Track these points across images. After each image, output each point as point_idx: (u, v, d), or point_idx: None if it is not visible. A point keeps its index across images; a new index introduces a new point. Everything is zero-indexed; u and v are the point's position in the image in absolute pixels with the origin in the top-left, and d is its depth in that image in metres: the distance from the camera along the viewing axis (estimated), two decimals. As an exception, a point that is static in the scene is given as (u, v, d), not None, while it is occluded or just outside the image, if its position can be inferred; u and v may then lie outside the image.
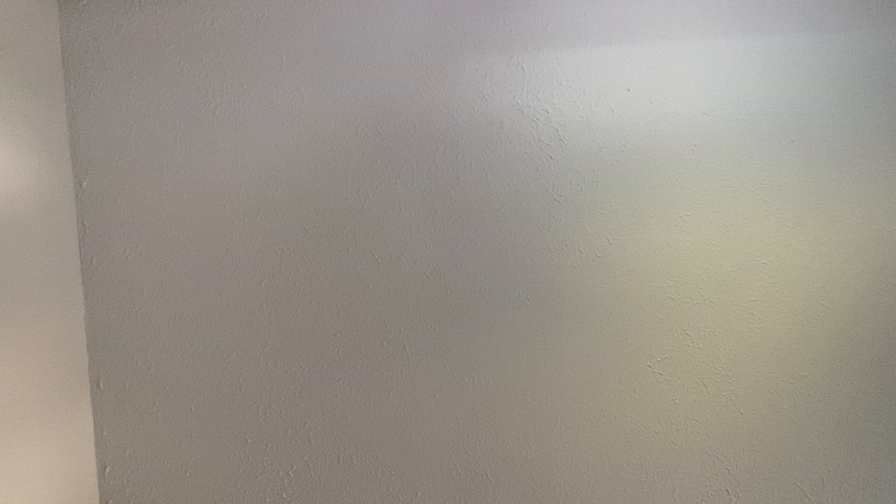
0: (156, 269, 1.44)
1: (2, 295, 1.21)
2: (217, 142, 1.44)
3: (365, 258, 1.44)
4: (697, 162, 1.44)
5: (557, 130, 1.44)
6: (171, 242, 1.44)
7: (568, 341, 1.45)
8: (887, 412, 1.45)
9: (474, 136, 1.44)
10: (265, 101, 1.44)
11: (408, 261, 1.44)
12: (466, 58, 1.44)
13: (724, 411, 1.45)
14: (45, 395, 1.30)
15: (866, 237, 1.43)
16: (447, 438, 1.45)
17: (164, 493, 1.45)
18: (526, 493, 1.45)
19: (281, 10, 1.44)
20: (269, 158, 1.44)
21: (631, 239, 1.44)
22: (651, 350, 1.45)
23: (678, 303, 1.44)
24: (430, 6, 1.44)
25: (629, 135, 1.44)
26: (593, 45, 1.44)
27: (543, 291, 1.44)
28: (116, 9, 1.43)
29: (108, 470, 1.45)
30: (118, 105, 1.43)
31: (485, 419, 1.45)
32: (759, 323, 1.44)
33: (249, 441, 1.45)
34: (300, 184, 1.44)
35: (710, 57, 1.44)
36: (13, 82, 1.27)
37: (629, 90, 1.44)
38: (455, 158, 1.44)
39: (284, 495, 1.46)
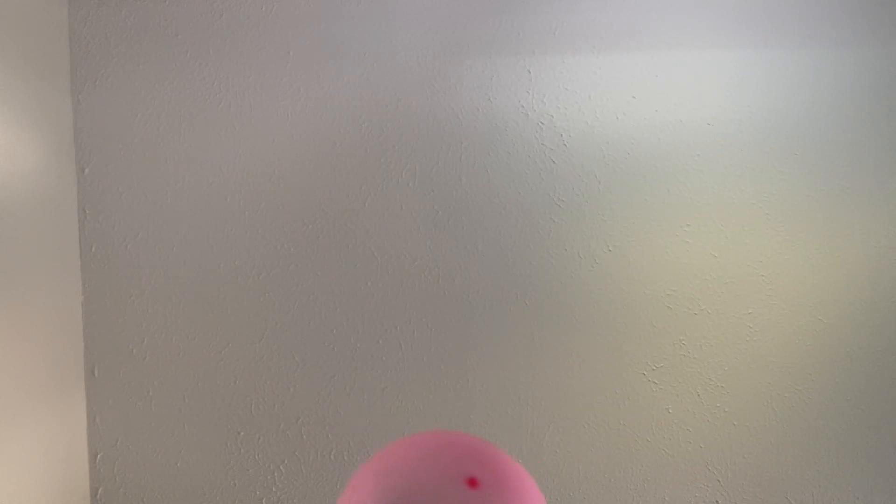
0: (155, 258, 1.44)
1: (0, 279, 1.21)
2: (220, 134, 1.44)
3: (364, 256, 1.44)
4: (700, 172, 1.44)
5: (561, 135, 1.44)
6: (171, 233, 1.44)
7: (563, 346, 1.44)
8: (881, 430, 1.44)
9: (478, 138, 1.44)
10: (270, 95, 1.44)
11: (407, 260, 1.44)
12: (473, 60, 1.44)
13: (717, 422, 1.45)
14: (39, 380, 1.30)
15: (867, 253, 1.43)
16: (439, 439, 1.45)
17: (154, 483, 1.45)
18: (516, 496, 1.45)
19: (289, 5, 1.44)
20: (271, 153, 1.44)
21: (630, 246, 1.44)
22: (646, 358, 1.44)
23: (675, 312, 1.44)
24: (438, 7, 1.44)
25: (633, 142, 1.44)
26: (600, 51, 1.44)
27: (541, 295, 1.44)
28: (125, -3, 1.44)
29: (99, 457, 1.45)
30: (123, 94, 1.44)
31: (477, 421, 1.45)
32: (755, 335, 1.44)
33: (241, 434, 1.45)
34: (302, 179, 1.44)
35: (716, 67, 1.44)
36: (20, 67, 1.28)
37: (634, 97, 1.44)
38: (458, 159, 1.44)
39: (274, 489, 1.46)
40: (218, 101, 1.44)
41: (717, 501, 1.45)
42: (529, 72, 1.44)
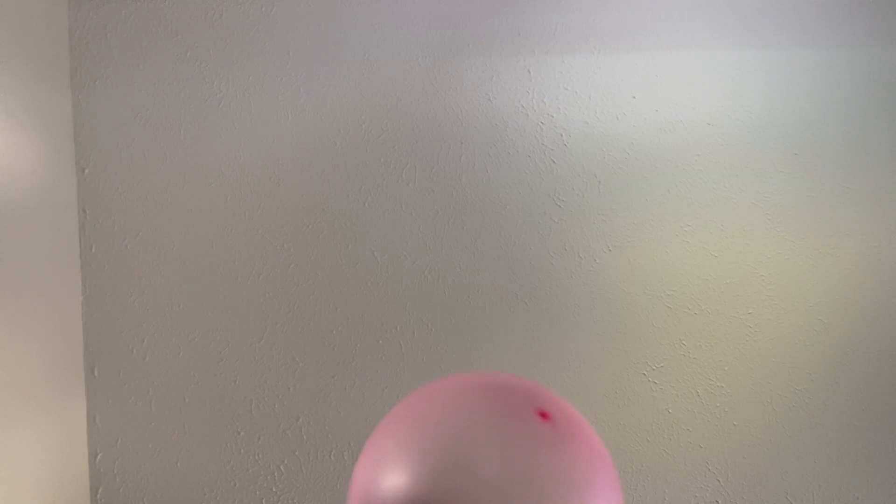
0: (155, 258, 1.44)
1: (0, 279, 1.21)
2: (220, 134, 1.44)
3: (364, 256, 1.44)
4: (700, 172, 1.44)
5: (561, 135, 1.44)
6: (171, 233, 1.44)
7: (563, 346, 1.44)
8: (880, 430, 1.44)
9: (478, 138, 1.44)
10: (270, 95, 1.44)
11: (407, 260, 1.44)
12: (473, 59, 1.44)
13: (717, 422, 1.45)
14: (39, 380, 1.30)
15: (867, 253, 1.43)
16: (439, 439, 1.45)
17: (154, 483, 1.45)
18: (516, 496, 1.45)
19: (289, 5, 1.44)
20: (271, 153, 1.44)
21: (630, 246, 1.44)
22: (646, 358, 1.44)
23: (675, 312, 1.44)
24: (438, 7, 1.44)
25: (633, 142, 1.44)
26: (600, 51, 1.44)
27: (541, 295, 1.44)
28: (125, -3, 1.44)
29: (99, 457, 1.45)
30: (123, 94, 1.44)
31: (478, 421, 1.45)
32: (755, 335, 1.44)
33: (242, 434, 1.45)
34: (302, 179, 1.44)
35: (716, 68, 1.44)
36: (20, 67, 1.28)
37: (635, 97, 1.44)
38: (458, 159, 1.44)
39: (275, 489, 1.46)
40: (218, 101, 1.44)
41: (717, 501, 1.45)
42: (529, 72, 1.44)
